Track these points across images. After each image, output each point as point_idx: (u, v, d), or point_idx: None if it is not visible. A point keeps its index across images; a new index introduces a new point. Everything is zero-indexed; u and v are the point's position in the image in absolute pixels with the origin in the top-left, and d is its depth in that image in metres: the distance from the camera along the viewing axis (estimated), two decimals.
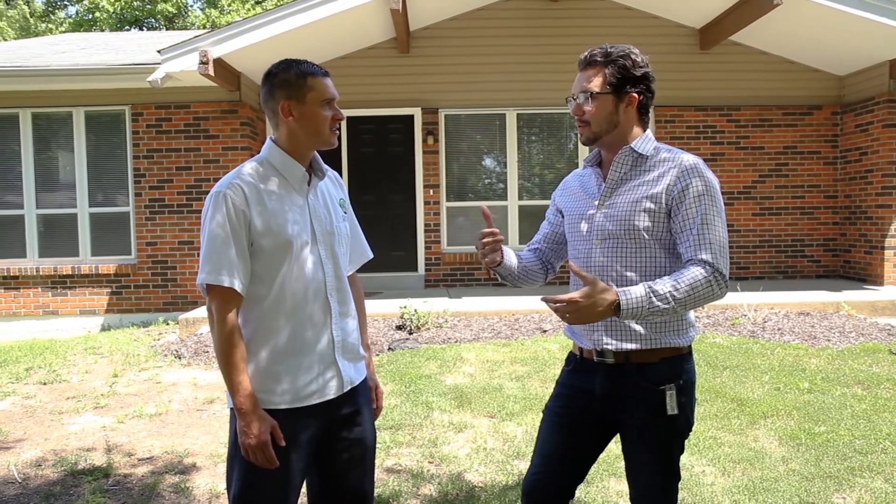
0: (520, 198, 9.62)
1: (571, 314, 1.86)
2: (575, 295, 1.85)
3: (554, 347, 6.07)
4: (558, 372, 5.31)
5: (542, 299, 1.90)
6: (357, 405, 2.17)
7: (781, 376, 5.17)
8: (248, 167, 2.08)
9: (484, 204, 9.53)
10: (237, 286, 1.97)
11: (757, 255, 9.53)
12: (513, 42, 9.37)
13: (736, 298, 7.38)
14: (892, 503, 3.25)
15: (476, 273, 9.46)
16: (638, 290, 1.88)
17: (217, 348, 1.98)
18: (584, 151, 9.61)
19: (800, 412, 4.44)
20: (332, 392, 2.09)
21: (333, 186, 2.27)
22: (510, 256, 2.24)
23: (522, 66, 9.36)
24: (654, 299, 1.87)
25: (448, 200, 9.58)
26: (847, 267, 9.44)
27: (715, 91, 9.44)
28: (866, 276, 8.98)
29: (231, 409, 2.04)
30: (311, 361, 2.05)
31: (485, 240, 2.09)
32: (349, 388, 2.13)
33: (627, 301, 1.86)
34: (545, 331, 6.71)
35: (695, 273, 1.91)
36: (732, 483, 3.49)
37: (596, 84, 2.05)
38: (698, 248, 1.94)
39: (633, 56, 2.04)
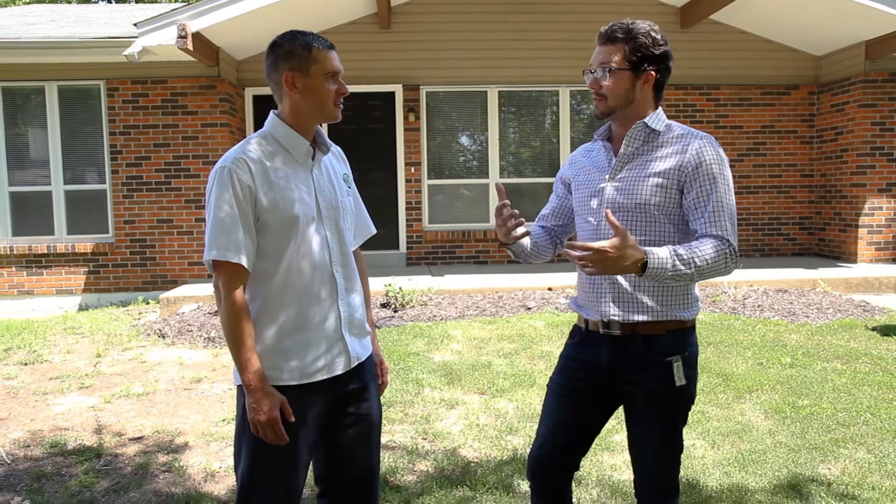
0: (500, 175, 9.62)
1: (596, 263, 1.83)
2: (605, 244, 1.82)
3: (539, 324, 6.12)
4: (545, 349, 5.39)
5: (567, 245, 1.87)
6: (364, 381, 2.17)
7: (764, 351, 5.28)
8: (253, 142, 2.05)
9: (464, 181, 9.56)
10: (244, 262, 1.94)
11: None
12: (495, 19, 9.31)
13: None
14: (875, 473, 3.35)
15: (457, 251, 9.47)
16: (663, 252, 1.89)
17: (225, 325, 1.96)
18: (564, 130, 9.62)
19: (783, 386, 4.54)
20: (339, 368, 2.08)
21: (337, 161, 2.25)
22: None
23: (504, 44, 9.32)
24: (677, 262, 1.89)
25: (429, 178, 9.55)
26: (822, 245, 9.62)
27: (695, 70, 9.48)
28: (840, 253, 9.17)
29: (238, 386, 2.03)
30: (318, 338, 2.04)
31: (504, 211, 2.06)
32: (356, 363, 2.13)
33: (654, 260, 1.86)
34: (529, 308, 6.76)
35: (713, 244, 1.94)
36: (722, 456, 3.57)
37: (616, 59, 2.05)
38: (712, 224, 1.97)
39: (653, 34, 2.05)
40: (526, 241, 2.26)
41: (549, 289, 7.41)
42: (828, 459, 3.52)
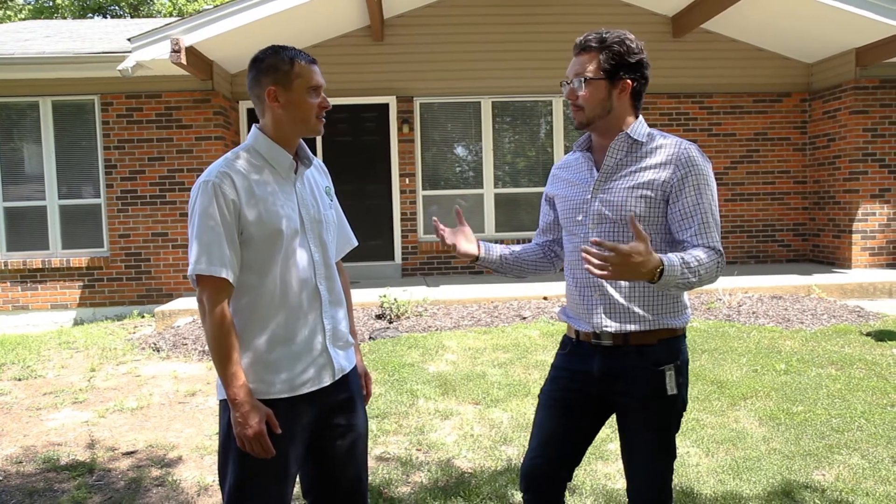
0: (495, 185, 9.64)
1: (617, 266, 1.76)
2: (626, 248, 1.76)
3: (534, 334, 6.12)
4: (540, 358, 5.38)
5: (593, 242, 1.78)
6: (349, 392, 2.17)
7: (758, 358, 5.28)
8: (236, 155, 2.05)
9: (459, 192, 9.58)
10: (229, 276, 1.94)
11: (729, 240, 9.68)
12: (487, 30, 9.36)
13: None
14: (869, 478, 3.35)
15: (453, 261, 9.48)
16: (674, 259, 1.87)
17: (209, 340, 1.96)
18: (559, 139, 9.66)
19: (778, 393, 4.54)
20: (325, 380, 2.09)
21: (319, 174, 2.26)
22: (493, 250, 2.29)
23: (497, 55, 9.36)
24: (685, 270, 1.88)
25: (424, 189, 9.56)
26: (816, 251, 9.64)
27: (687, 79, 9.54)
28: (835, 259, 9.19)
29: (222, 400, 2.02)
30: (303, 350, 2.04)
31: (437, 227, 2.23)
32: (340, 375, 2.13)
33: (669, 268, 1.83)
34: (524, 318, 6.76)
35: (709, 254, 1.96)
36: (717, 463, 3.56)
37: (590, 69, 2.06)
38: (702, 235, 1.99)
39: (628, 42, 2.05)
40: (496, 254, 2.30)
41: (545, 298, 7.42)
42: (822, 465, 3.52)
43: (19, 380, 5.61)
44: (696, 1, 8.78)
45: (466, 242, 2.24)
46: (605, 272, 1.78)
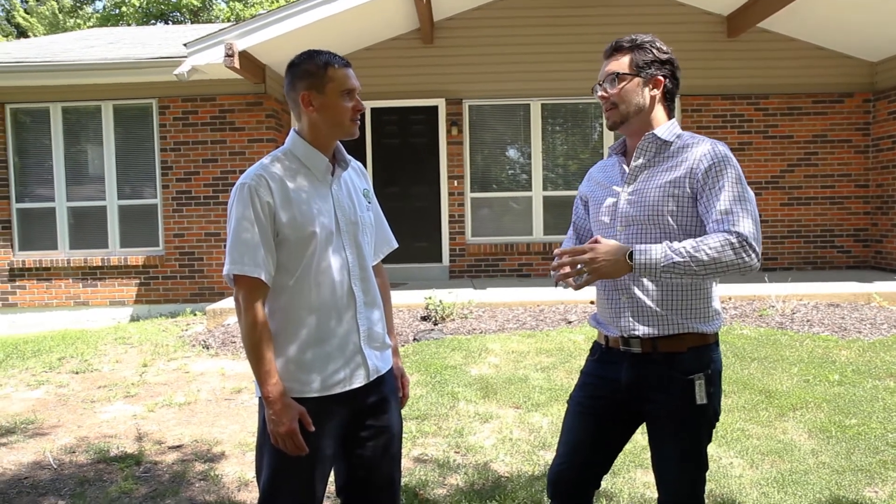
0: (544, 188, 9.58)
1: (587, 264, 1.89)
2: (586, 246, 1.92)
3: (579, 338, 6.05)
4: (584, 363, 5.31)
5: (556, 252, 1.96)
6: (383, 393, 2.18)
7: (810, 368, 5.10)
8: (273, 158, 2.10)
9: (508, 194, 9.55)
10: (264, 276, 1.98)
11: (785, 245, 9.39)
12: (537, 32, 9.31)
13: (764, 289, 7.29)
14: None
15: (500, 264, 9.45)
16: (655, 245, 1.92)
17: (245, 338, 2.00)
18: (609, 141, 9.53)
19: (830, 404, 4.38)
20: (358, 381, 2.10)
21: (357, 176, 2.28)
22: None
23: (546, 56, 9.30)
24: (668, 251, 1.87)
25: (472, 191, 9.57)
26: (878, 257, 9.27)
27: (743, 79, 9.29)
28: None
29: (259, 398, 2.06)
30: (337, 351, 2.07)
31: (563, 268, 2.00)
32: (375, 376, 2.15)
33: (640, 251, 1.88)
34: (570, 322, 6.69)
35: (716, 235, 1.89)
36: (761, 475, 3.46)
37: (622, 66, 2.07)
38: (721, 222, 1.92)
39: (657, 42, 2.09)
40: None
41: (591, 302, 7.32)
42: (875, 482, 3.38)
43: (76, 373, 5.84)
44: None
45: None
46: (586, 278, 1.92)
